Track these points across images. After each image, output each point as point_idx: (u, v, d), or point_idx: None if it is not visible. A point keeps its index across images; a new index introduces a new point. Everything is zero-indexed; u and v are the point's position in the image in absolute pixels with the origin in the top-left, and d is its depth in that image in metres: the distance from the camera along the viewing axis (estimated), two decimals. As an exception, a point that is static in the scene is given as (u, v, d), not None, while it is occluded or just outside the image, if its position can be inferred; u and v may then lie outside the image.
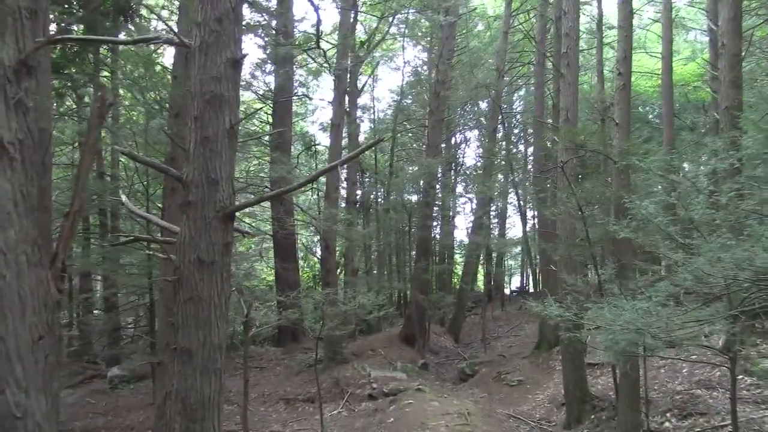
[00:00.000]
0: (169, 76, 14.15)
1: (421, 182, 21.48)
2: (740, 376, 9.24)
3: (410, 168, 28.38)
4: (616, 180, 9.30)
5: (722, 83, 10.36)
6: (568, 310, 5.87)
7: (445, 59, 20.16)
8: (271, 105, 23.32)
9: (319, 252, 29.09)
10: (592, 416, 10.65)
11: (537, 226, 26.68)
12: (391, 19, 25.60)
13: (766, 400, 8.13)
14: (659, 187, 8.82)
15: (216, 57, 6.66)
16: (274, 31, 21.31)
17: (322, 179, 19.88)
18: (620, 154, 9.18)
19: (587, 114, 17.23)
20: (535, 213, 30.48)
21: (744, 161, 7.35)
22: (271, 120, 23.99)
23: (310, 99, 27.05)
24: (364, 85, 27.27)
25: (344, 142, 23.36)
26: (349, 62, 18.58)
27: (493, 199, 27.17)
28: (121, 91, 18.30)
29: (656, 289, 5.63)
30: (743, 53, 12.50)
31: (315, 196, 29.62)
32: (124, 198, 7.67)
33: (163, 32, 14.42)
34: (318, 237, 30.47)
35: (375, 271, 29.82)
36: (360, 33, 26.55)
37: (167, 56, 20.82)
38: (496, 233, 33.15)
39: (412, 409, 11.47)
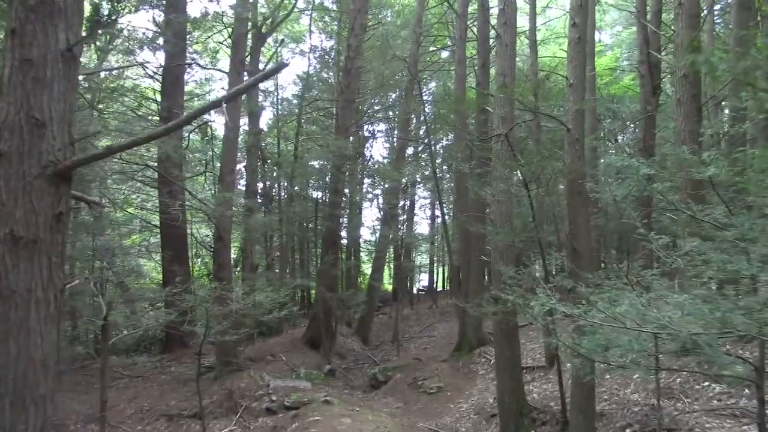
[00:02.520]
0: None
1: (328, 171, 19.43)
2: (706, 383, 7.96)
3: (317, 162, 26.28)
4: (569, 151, 7.81)
5: (679, 48, 9.11)
6: (574, 306, 4.15)
7: (356, 33, 18.27)
8: (160, 79, 20.74)
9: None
10: (532, 431, 9.12)
11: (452, 216, 25.43)
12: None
13: (747, 413, 6.76)
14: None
15: (44, -58, 4.76)
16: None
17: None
18: (575, 120, 7.70)
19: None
20: (447, 203, 29.28)
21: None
22: (159, 98, 21.34)
23: (203, 68, 24.43)
24: (266, 65, 24.96)
25: (244, 123, 21.12)
26: (248, 21, 16.36)
27: (407, 188, 25.58)
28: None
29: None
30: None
31: (211, 189, 26.96)
32: None
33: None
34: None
35: (278, 269, 27.60)
36: (264, 12, 24.28)
37: None
38: (404, 228, 31.64)
39: (319, 428, 9.53)
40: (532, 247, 9.63)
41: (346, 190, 22.93)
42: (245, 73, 16.85)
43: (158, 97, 21.85)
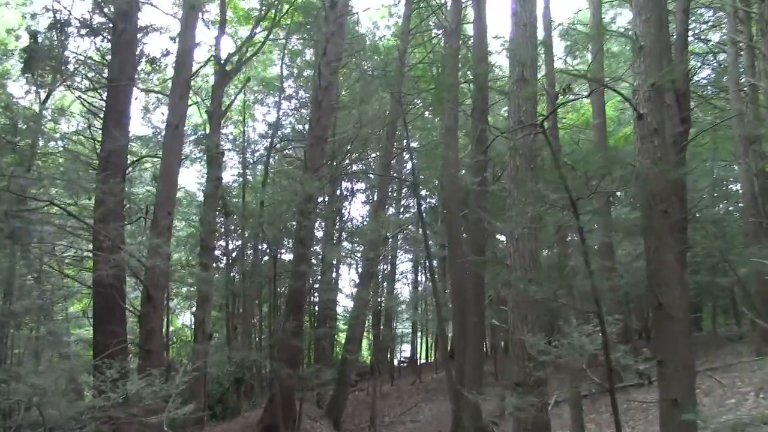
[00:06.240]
0: None
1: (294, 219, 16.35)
2: None
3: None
4: (644, 149, 4.96)
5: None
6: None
7: (329, 60, 15.67)
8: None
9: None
10: None
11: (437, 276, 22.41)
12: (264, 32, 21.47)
13: None
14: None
15: None
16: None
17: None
18: (651, 101, 4.91)
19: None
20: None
21: None
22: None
23: (145, 90, 21.58)
24: (228, 107, 22.33)
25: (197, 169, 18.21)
26: (194, 31, 13.66)
27: (387, 240, 22.51)
28: None
29: None
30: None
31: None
32: None
33: None
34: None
35: (239, 336, 24.24)
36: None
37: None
38: (384, 292, 28.41)
39: None
40: (566, 304, 6.61)
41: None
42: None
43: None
